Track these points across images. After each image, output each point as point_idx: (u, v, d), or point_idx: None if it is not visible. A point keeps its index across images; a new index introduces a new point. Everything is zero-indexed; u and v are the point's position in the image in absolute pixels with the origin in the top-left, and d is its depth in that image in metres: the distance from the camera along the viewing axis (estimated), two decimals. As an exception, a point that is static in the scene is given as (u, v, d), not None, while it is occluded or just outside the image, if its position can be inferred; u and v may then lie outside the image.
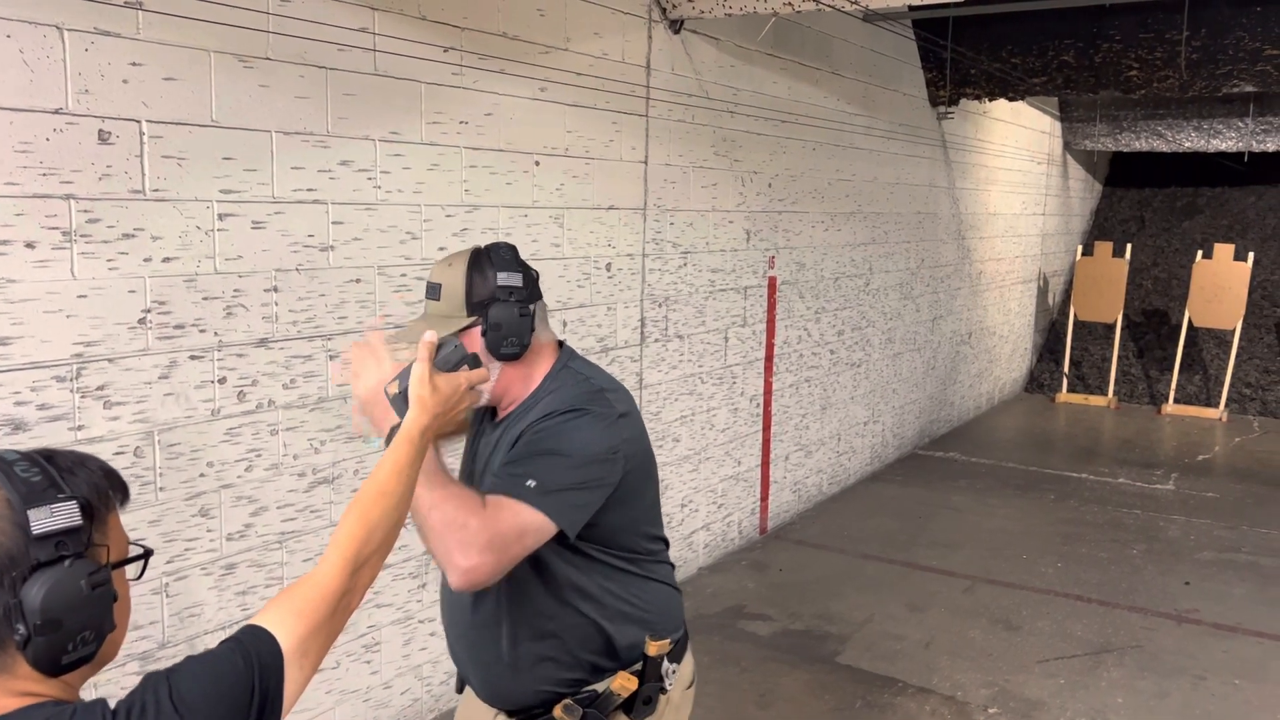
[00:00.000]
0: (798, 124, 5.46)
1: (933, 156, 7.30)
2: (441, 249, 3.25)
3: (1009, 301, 9.34)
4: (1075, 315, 9.57)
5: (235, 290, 2.67)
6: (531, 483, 1.59)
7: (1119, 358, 9.64)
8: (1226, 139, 9.52)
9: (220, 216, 2.61)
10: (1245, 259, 8.94)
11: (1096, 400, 9.39)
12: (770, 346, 5.46)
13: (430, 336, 1.49)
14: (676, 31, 4.34)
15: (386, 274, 3.07)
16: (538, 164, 3.63)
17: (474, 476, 1.83)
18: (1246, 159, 10.13)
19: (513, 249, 1.79)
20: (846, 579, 4.96)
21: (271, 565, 2.85)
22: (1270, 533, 5.77)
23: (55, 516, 1.00)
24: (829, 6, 3.98)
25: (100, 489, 1.07)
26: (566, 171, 3.79)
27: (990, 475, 6.93)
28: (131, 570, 1.12)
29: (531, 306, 1.75)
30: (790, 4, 3.98)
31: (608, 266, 4.08)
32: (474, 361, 1.56)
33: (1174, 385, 9.13)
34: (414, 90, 3.10)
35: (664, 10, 4.22)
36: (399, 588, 3.27)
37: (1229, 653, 4.21)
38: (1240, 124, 9.36)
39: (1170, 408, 9.04)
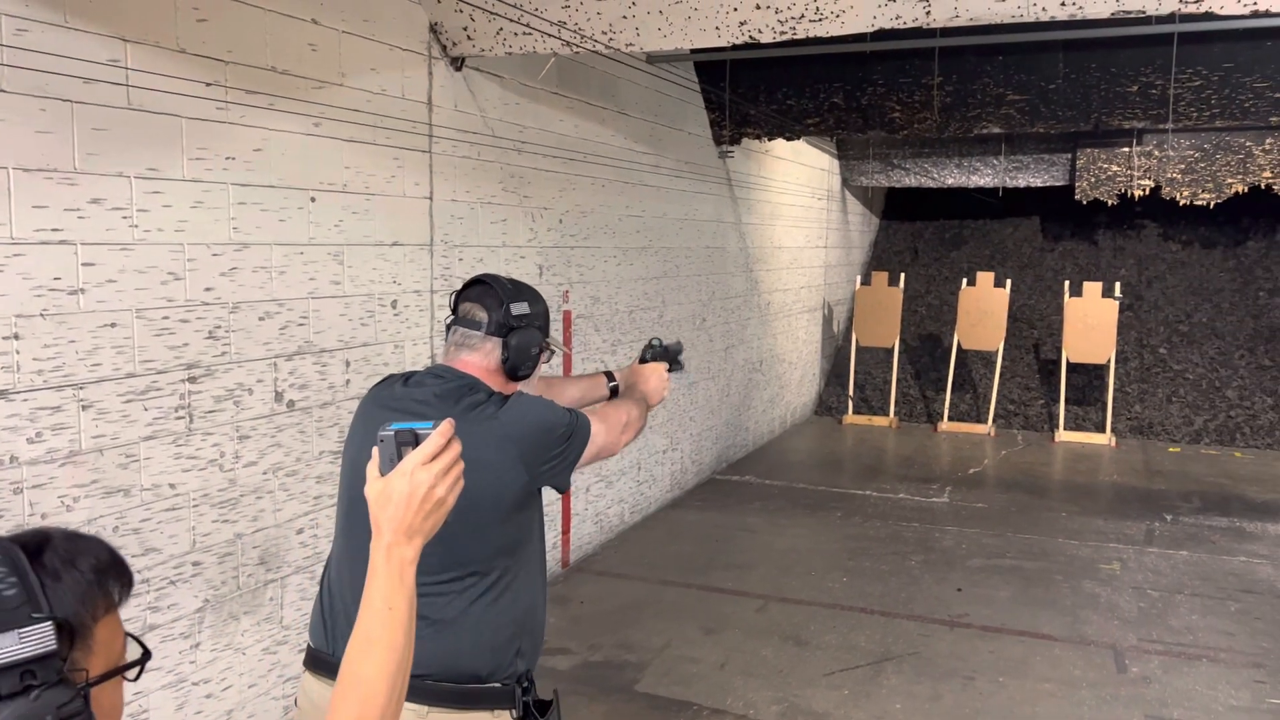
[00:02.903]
0: (586, 161, 5.56)
1: (719, 193, 7.58)
2: (208, 289, 3.11)
3: (796, 330, 9.79)
4: (857, 341, 10.13)
5: (-32, 338, 2.46)
6: None
7: (898, 380, 10.26)
8: (984, 175, 10.38)
9: (-51, 259, 2.41)
10: (1004, 285, 9.73)
11: (879, 421, 9.95)
12: (566, 380, 5.50)
13: (373, 450, 1.22)
14: (458, 69, 4.34)
15: (146, 317, 2.91)
16: (314, 200, 3.54)
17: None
18: (1001, 194, 11.05)
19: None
20: (646, 606, 5.03)
21: (18, 635, 2.62)
22: (1032, 538, 6.26)
23: (24, 643, 0.85)
24: (605, 49, 4.09)
25: (89, 598, 0.92)
26: (346, 208, 3.71)
27: (783, 496, 7.21)
28: (130, 671, 0.99)
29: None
30: (568, 45, 4.07)
31: (393, 304, 4.01)
32: (416, 441, 1.20)
33: (947, 404, 9.80)
34: (174, 125, 2.97)
35: (444, 48, 4.22)
36: (169, 649, 3.08)
37: (995, 653, 4.53)
38: (995, 162, 10.23)
39: (945, 425, 9.69)
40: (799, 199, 9.58)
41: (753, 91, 7.08)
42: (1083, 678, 4.26)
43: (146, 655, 0.98)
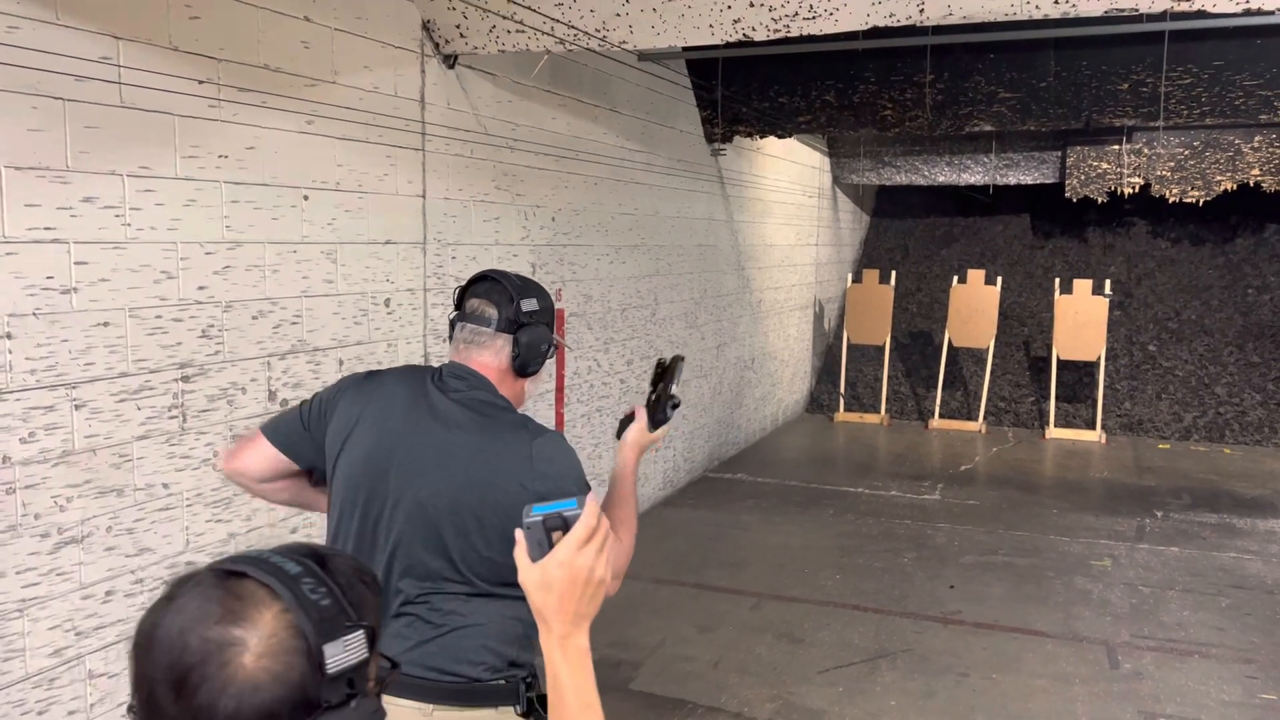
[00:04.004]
0: (579, 159, 5.55)
1: (711, 191, 7.58)
2: (201, 287, 3.10)
3: (788, 327, 9.80)
4: (848, 339, 10.15)
5: (-40, 338, 2.44)
6: None
7: (889, 377, 10.28)
8: (974, 173, 10.40)
9: (-60, 258, 2.39)
10: (995, 283, 9.76)
11: (871, 418, 9.97)
12: (560, 378, 5.49)
13: (517, 534, 1.16)
14: (451, 66, 4.33)
15: (139, 316, 2.90)
16: (307, 198, 3.52)
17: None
18: (991, 191, 11.08)
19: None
20: (640, 605, 5.03)
21: (11, 636, 2.61)
22: (1023, 534, 6.28)
23: (348, 651, 0.86)
24: (599, 46, 4.08)
25: (376, 609, 0.94)
26: (339, 206, 3.70)
27: (775, 494, 7.22)
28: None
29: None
30: (562, 42, 4.06)
31: (386, 302, 4.00)
32: (565, 524, 1.14)
33: (938, 401, 9.82)
34: (166, 123, 2.95)
35: (437, 45, 4.21)
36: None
37: (988, 649, 4.54)
38: (985, 159, 10.25)
39: (936, 422, 9.71)
40: (790, 197, 9.59)
41: (744, 89, 7.08)
42: (1075, 674, 4.28)
43: (395, 666, 0.98)
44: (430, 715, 1.80)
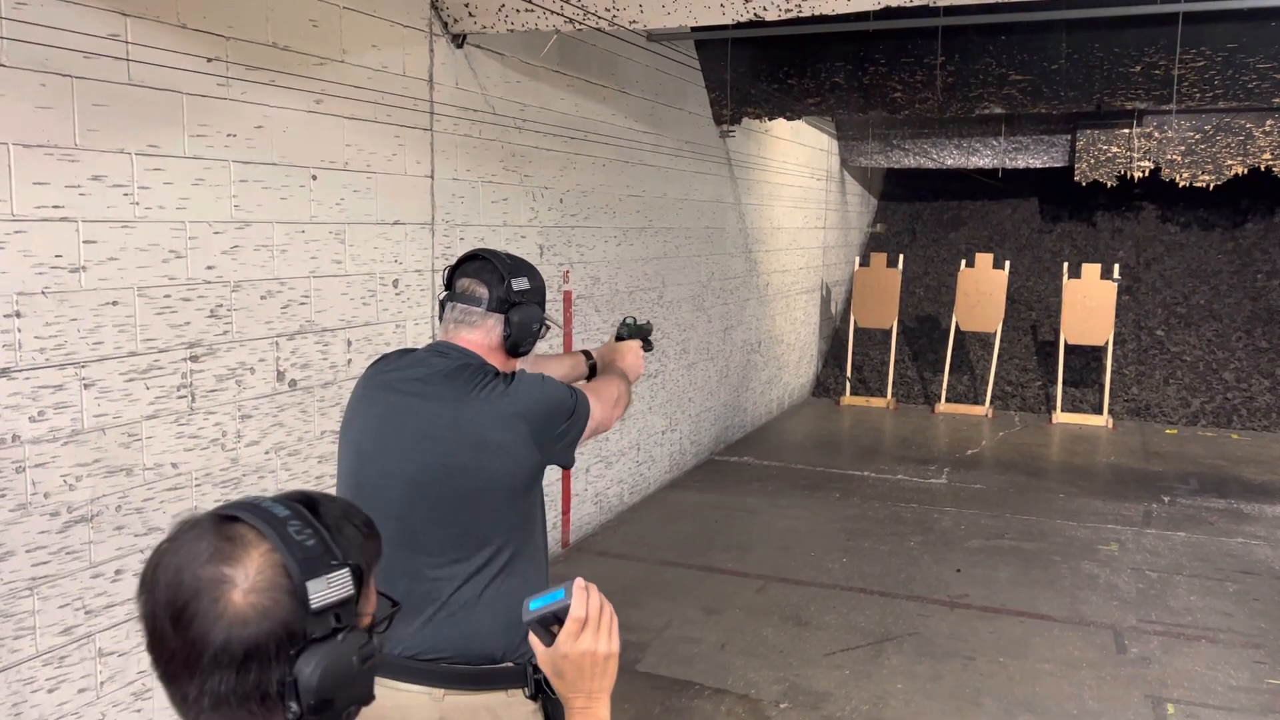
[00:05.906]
0: (587, 141, 5.52)
1: (719, 173, 7.55)
2: (210, 267, 3.09)
3: (795, 311, 9.77)
4: (855, 322, 10.12)
5: (-31, 316, 2.44)
6: None
7: (896, 361, 10.26)
8: (983, 156, 10.34)
9: (-51, 236, 2.38)
10: (1003, 266, 9.72)
11: (877, 402, 9.95)
12: (566, 360, 5.48)
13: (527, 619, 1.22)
14: (459, 46, 4.30)
15: (148, 295, 2.89)
16: (315, 178, 3.51)
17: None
18: (1000, 175, 11.02)
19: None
20: (646, 587, 5.04)
21: (21, 614, 2.61)
22: (1030, 519, 6.28)
23: (331, 588, 0.93)
24: (608, 26, 4.05)
25: (366, 550, 1.00)
26: (347, 186, 3.68)
27: (781, 477, 7.22)
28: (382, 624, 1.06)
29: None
30: (571, 22, 4.03)
31: (395, 283, 3.99)
32: (558, 617, 1.20)
33: (945, 385, 9.80)
34: (174, 101, 2.94)
35: (445, 25, 4.18)
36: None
37: (995, 633, 4.54)
38: (994, 142, 10.19)
39: (942, 407, 9.69)
40: (798, 179, 9.54)
41: (753, 71, 7.03)
42: (1082, 658, 4.28)
43: (397, 606, 1.05)
44: (441, 700, 1.80)
